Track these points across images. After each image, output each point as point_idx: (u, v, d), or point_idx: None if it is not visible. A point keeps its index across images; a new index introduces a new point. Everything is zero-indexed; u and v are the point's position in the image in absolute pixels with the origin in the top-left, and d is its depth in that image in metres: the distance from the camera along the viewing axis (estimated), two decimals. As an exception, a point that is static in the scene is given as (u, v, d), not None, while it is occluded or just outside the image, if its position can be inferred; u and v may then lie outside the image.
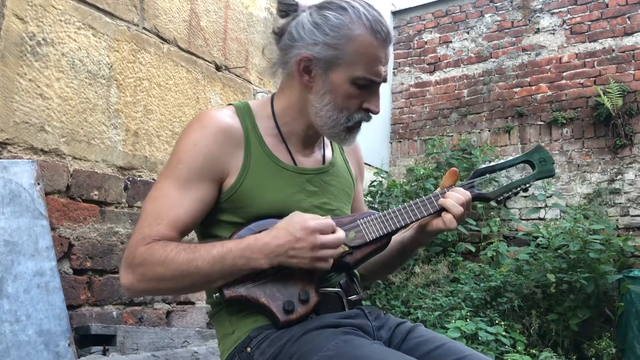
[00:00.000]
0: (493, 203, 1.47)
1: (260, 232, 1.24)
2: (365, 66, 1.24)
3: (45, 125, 2.39)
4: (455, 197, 1.31)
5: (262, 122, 1.35)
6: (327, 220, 1.18)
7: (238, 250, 1.17)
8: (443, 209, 1.32)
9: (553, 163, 1.41)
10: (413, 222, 1.32)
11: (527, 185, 1.41)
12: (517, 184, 1.40)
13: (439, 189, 1.37)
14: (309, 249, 1.14)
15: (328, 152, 1.45)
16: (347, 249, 1.26)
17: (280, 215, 1.26)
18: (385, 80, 1.29)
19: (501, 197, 1.40)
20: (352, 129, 1.32)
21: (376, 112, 1.31)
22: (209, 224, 1.31)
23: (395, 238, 1.42)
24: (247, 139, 1.30)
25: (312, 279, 1.23)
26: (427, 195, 1.35)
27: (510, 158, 1.41)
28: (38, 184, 2.23)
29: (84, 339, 2.31)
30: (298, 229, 1.15)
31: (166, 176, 1.26)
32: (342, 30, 1.22)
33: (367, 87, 1.27)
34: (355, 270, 1.38)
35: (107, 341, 2.32)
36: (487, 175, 1.39)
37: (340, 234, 1.19)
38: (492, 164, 1.40)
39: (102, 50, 2.67)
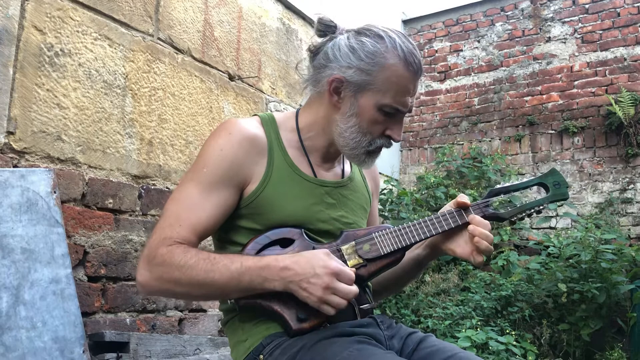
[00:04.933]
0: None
1: (277, 240, 1.27)
2: (394, 95, 1.27)
3: (62, 135, 2.44)
4: (483, 235, 1.30)
5: (285, 134, 1.38)
6: (349, 271, 1.18)
7: (256, 269, 1.17)
8: (458, 226, 1.33)
9: (567, 187, 1.43)
10: (428, 237, 1.34)
11: (541, 207, 1.43)
12: (530, 206, 1.42)
13: (452, 205, 1.37)
14: (321, 287, 1.14)
15: (347, 167, 1.48)
16: (362, 262, 1.27)
17: (298, 224, 1.29)
18: (410, 111, 1.33)
19: (515, 218, 1.41)
20: (372, 153, 1.35)
21: (397, 141, 1.34)
22: (227, 229, 1.33)
23: (408, 253, 1.43)
24: (270, 148, 1.33)
25: None
26: (441, 212, 1.36)
27: (525, 180, 1.43)
28: (54, 192, 2.27)
29: (97, 346, 2.34)
30: (320, 266, 1.15)
31: (190, 179, 1.28)
32: (377, 58, 1.26)
33: (393, 115, 1.30)
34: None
35: (120, 348, 2.35)
36: (502, 195, 1.41)
37: (355, 289, 1.17)
38: (507, 184, 1.42)
39: (117, 60, 2.71)
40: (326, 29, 1.35)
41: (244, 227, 1.31)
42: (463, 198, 1.36)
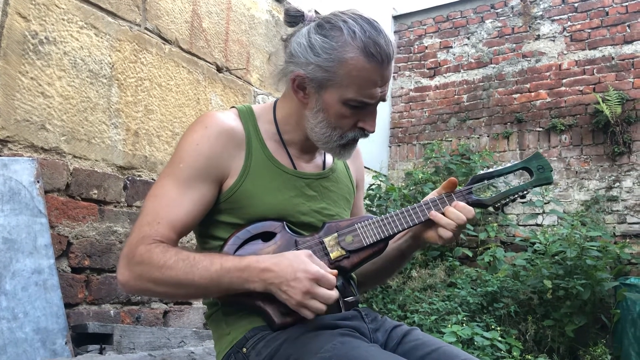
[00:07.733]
0: (490, 209, 1.46)
1: (257, 234, 1.25)
2: (357, 88, 1.23)
3: (46, 124, 2.40)
4: (455, 215, 1.30)
5: (264, 126, 1.36)
6: (330, 276, 1.14)
7: (236, 270, 1.15)
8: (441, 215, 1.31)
9: (551, 170, 1.40)
10: (410, 227, 1.32)
11: (525, 192, 1.39)
12: (514, 191, 1.38)
13: (436, 193, 1.36)
14: (301, 292, 1.12)
15: (328, 158, 1.46)
16: (344, 253, 1.26)
17: (278, 217, 1.28)
18: (383, 100, 1.28)
19: (499, 204, 1.38)
20: (346, 146, 1.33)
21: (371, 132, 1.31)
22: (208, 224, 1.32)
23: (391, 244, 1.42)
24: (248, 141, 1.32)
25: None
26: (424, 200, 1.35)
27: (509, 165, 1.40)
28: (38, 182, 2.24)
29: (81, 338, 2.31)
30: (301, 269, 1.12)
31: (167, 175, 1.26)
32: (334, 53, 1.21)
33: (361, 108, 1.27)
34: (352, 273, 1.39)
35: (104, 340, 2.32)
36: (485, 181, 1.38)
37: (335, 294, 1.14)
38: (490, 170, 1.39)
39: (104, 49, 2.68)
40: (294, 19, 1.32)
41: (224, 221, 1.30)
42: (452, 179, 1.35)
